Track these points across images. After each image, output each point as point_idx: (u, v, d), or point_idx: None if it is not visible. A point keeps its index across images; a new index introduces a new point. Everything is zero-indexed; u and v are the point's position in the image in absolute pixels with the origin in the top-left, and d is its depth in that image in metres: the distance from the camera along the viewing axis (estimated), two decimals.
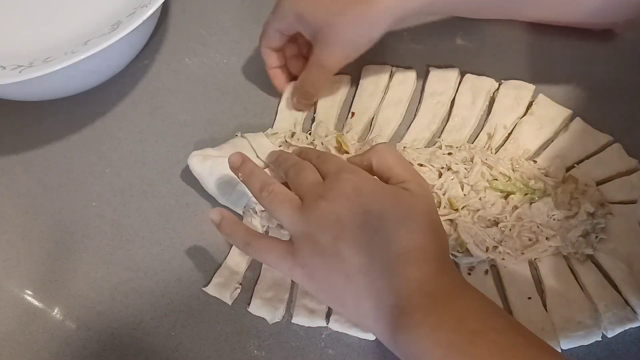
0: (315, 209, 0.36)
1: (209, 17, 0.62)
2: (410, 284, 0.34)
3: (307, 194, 0.38)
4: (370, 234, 0.35)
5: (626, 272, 0.42)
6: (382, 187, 0.38)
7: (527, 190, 0.45)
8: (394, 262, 0.34)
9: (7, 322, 0.46)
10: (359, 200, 0.36)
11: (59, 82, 0.51)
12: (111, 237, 0.49)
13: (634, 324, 0.40)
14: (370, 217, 0.35)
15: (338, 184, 0.37)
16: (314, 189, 0.38)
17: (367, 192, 0.37)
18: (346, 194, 0.36)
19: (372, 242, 0.35)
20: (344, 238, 0.35)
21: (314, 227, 0.36)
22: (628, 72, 0.53)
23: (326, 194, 0.37)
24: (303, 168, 0.41)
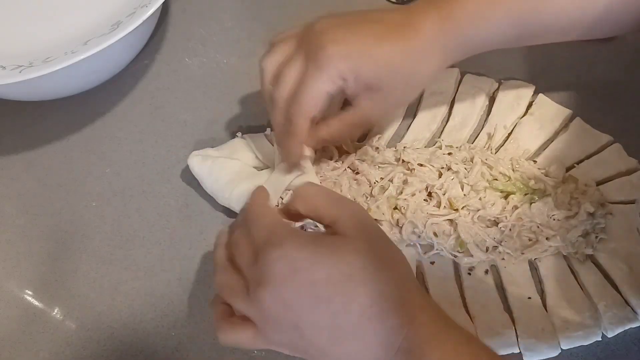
0: (260, 299, 0.33)
1: (209, 17, 0.62)
2: (380, 344, 0.32)
3: (249, 279, 0.35)
4: (325, 307, 0.33)
5: (626, 272, 0.42)
6: (317, 248, 0.34)
7: (527, 190, 0.45)
8: (358, 325, 0.33)
9: (7, 322, 0.46)
10: (298, 278, 0.33)
11: (59, 82, 0.51)
12: (111, 237, 0.49)
13: (634, 324, 0.40)
14: (318, 290, 0.33)
15: (270, 266, 0.33)
16: (250, 272, 0.35)
17: (304, 263, 0.33)
18: (282, 276, 0.33)
19: (331, 313, 0.33)
20: (302, 323, 0.33)
21: (268, 317, 0.34)
22: (628, 73, 0.53)
23: (262, 281, 0.33)
24: (236, 243, 0.37)
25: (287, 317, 0.33)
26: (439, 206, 0.45)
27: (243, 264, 0.36)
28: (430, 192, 0.46)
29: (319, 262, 0.33)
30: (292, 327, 0.33)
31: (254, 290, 0.34)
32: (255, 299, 0.34)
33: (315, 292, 0.33)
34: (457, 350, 0.32)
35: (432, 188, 0.46)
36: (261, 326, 0.35)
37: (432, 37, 0.40)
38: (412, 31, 0.40)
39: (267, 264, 0.34)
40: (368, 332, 0.33)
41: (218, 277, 0.37)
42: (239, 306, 0.35)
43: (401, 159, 0.47)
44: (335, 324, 0.33)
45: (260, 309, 0.34)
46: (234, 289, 0.35)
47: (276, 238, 0.34)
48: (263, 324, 0.34)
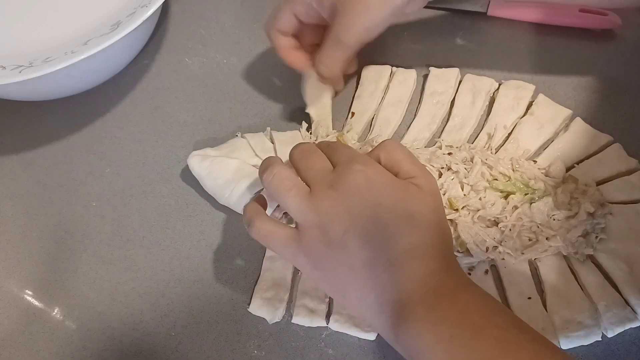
0: (324, 198, 0.36)
1: (209, 17, 0.62)
2: (413, 279, 0.34)
3: (316, 181, 0.37)
4: (379, 229, 0.35)
5: (626, 272, 0.42)
6: (394, 181, 0.37)
7: (527, 190, 0.45)
8: (399, 258, 0.34)
9: (7, 322, 0.46)
10: (370, 194, 0.35)
11: (59, 82, 0.51)
12: (111, 237, 0.49)
13: (634, 324, 0.40)
14: (381, 211, 0.35)
15: (349, 175, 0.36)
16: (324, 177, 0.37)
17: (379, 185, 0.36)
18: (357, 186, 0.36)
19: (380, 236, 0.35)
20: (353, 231, 0.35)
21: (322, 217, 0.36)
22: (628, 72, 0.53)
23: (336, 184, 0.36)
24: (311, 152, 0.39)
25: (341, 221, 0.35)
26: None
27: (315, 167, 0.38)
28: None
29: (392, 192, 0.36)
30: (339, 233, 0.35)
31: (322, 189, 0.36)
32: (319, 196, 0.36)
33: (378, 213, 0.35)
34: (482, 298, 0.34)
35: None
36: (307, 225, 0.36)
37: None
38: None
39: (347, 172, 0.36)
40: (407, 266, 0.34)
41: (277, 169, 0.38)
42: (295, 200, 0.36)
43: None
44: (379, 247, 0.34)
45: (319, 207, 0.36)
46: (296, 185, 0.37)
47: (362, 158, 0.38)
48: (311, 223, 0.36)
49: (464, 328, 0.32)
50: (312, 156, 0.39)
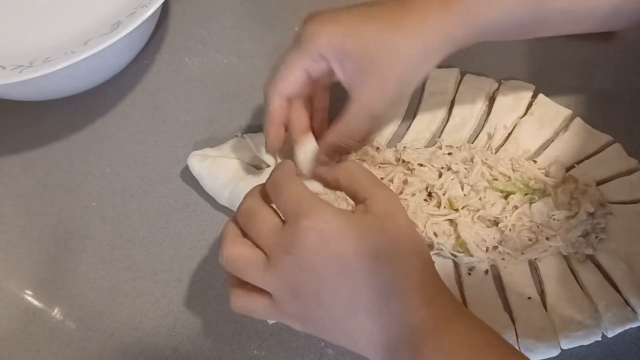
0: (284, 267, 0.33)
1: (209, 17, 0.62)
2: (396, 321, 0.33)
3: (270, 249, 0.34)
4: (349, 279, 0.33)
5: (626, 272, 0.42)
6: (347, 223, 0.34)
7: (527, 190, 0.45)
8: (377, 302, 0.33)
9: (7, 322, 0.46)
10: (328, 249, 0.33)
11: (59, 82, 0.51)
12: (111, 237, 0.49)
13: (634, 324, 0.40)
14: (345, 262, 0.33)
15: (300, 235, 0.33)
16: (276, 242, 0.34)
17: (335, 236, 0.33)
18: (312, 245, 0.33)
19: (352, 285, 0.33)
20: (323, 289, 0.33)
21: (288, 285, 0.34)
22: (628, 73, 0.53)
23: (290, 248, 0.33)
24: (255, 212, 0.36)
25: (310, 283, 0.33)
26: (439, 206, 0.45)
27: (262, 233, 0.35)
28: (430, 192, 0.46)
29: (350, 236, 0.33)
30: (312, 295, 0.33)
31: (278, 258, 0.34)
32: (279, 266, 0.34)
33: (343, 263, 0.33)
34: (469, 335, 0.33)
35: (432, 188, 0.46)
36: (278, 295, 0.34)
37: (431, 14, 0.38)
38: (407, 9, 0.38)
39: (298, 233, 0.33)
40: (386, 309, 0.33)
41: (229, 250, 0.35)
42: (255, 277, 0.34)
43: (401, 159, 0.47)
44: (355, 296, 0.33)
45: (282, 276, 0.34)
46: (250, 261, 0.35)
47: (307, 207, 0.34)
48: (281, 292, 0.34)
49: None
50: (256, 216, 0.35)
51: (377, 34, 0.37)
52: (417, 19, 0.38)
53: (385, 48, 0.37)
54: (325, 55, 0.38)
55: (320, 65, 0.39)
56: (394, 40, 0.37)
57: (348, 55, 0.38)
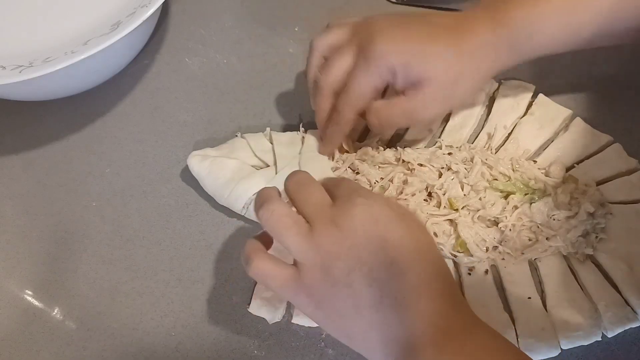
0: (326, 236, 0.34)
1: (209, 17, 0.62)
2: (422, 319, 0.33)
3: (316, 217, 0.35)
4: (386, 266, 0.33)
5: (626, 272, 0.42)
6: (397, 215, 0.35)
7: (527, 190, 0.45)
8: (407, 296, 0.33)
9: (7, 322, 0.46)
10: (374, 229, 0.34)
11: (59, 82, 0.51)
12: (111, 237, 0.49)
13: (634, 324, 0.40)
14: (387, 248, 0.33)
15: (352, 210, 0.34)
16: (323, 212, 0.35)
17: (383, 220, 0.34)
18: (361, 222, 0.34)
19: (387, 274, 0.33)
20: (358, 269, 0.33)
21: (325, 256, 0.34)
22: (628, 73, 0.53)
23: (339, 220, 0.34)
24: (307, 184, 0.37)
25: (347, 260, 0.33)
26: (439, 206, 0.45)
27: (311, 201, 0.36)
28: (430, 192, 0.46)
29: (397, 227, 0.34)
30: (344, 273, 0.33)
31: (323, 227, 0.34)
32: (322, 235, 0.34)
33: (384, 249, 0.33)
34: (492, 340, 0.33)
35: (432, 188, 0.46)
36: (309, 265, 0.34)
37: (484, 40, 0.41)
38: (464, 33, 0.41)
39: (349, 208, 0.34)
40: (416, 306, 0.33)
41: (277, 206, 0.35)
42: (294, 240, 0.34)
43: (401, 159, 0.47)
44: (388, 285, 0.33)
45: (322, 245, 0.34)
46: (294, 223, 0.35)
47: (362, 191, 0.36)
48: (314, 262, 0.34)
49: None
50: (308, 188, 0.37)
51: (439, 52, 0.41)
52: (475, 45, 0.41)
53: (444, 66, 0.41)
54: (394, 70, 0.41)
55: (387, 78, 0.42)
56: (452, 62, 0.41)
57: (412, 69, 0.41)
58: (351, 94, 0.42)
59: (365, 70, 0.41)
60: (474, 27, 0.42)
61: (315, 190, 0.36)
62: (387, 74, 0.41)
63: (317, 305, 0.35)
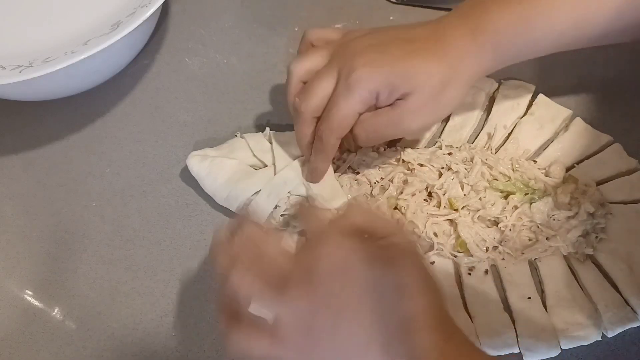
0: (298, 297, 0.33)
1: (209, 17, 0.62)
2: (419, 354, 0.32)
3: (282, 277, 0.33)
4: (370, 308, 0.32)
5: (626, 272, 0.42)
6: (372, 253, 0.33)
7: (527, 190, 0.45)
8: (397, 335, 0.32)
9: (7, 322, 0.46)
10: (350, 274, 0.32)
11: (59, 82, 0.51)
12: (111, 237, 0.49)
13: (634, 324, 0.40)
14: (367, 290, 0.32)
15: (322, 259, 0.33)
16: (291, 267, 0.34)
17: (358, 262, 0.33)
18: (334, 269, 0.33)
19: (372, 317, 0.32)
20: (341, 322, 0.32)
21: (302, 316, 0.32)
22: (628, 72, 0.53)
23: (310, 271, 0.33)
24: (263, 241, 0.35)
25: (327, 314, 0.32)
26: (439, 206, 0.45)
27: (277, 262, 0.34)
28: (430, 192, 0.46)
29: (374, 264, 0.33)
30: (327, 327, 0.32)
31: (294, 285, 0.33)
32: (295, 295, 0.33)
33: (366, 288, 0.32)
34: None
35: (432, 188, 0.46)
36: (287, 328, 0.33)
37: (464, 50, 0.41)
38: (444, 45, 0.41)
39: (320, 258, 0.33)
40: (407, 343, 0.32)
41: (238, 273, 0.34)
42: (265, 301, 0.33)
43: (401, 159, 0.47)
44: (375, 328, 0.32)
45: (296, 306, 0.33)
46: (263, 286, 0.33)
47: (331, 236, 0.34)
48: (292, 324, 0.33)
49: None
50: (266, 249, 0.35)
51: (420, 66, 0.40)
52: (456, 55, 0.41)
53: (429, 78, 0.40)
54: (376, 94, 0.40)
55: (369, 102, 0.41)
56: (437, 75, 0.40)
57: (395, 89, 0.40)
58: (334, 120, 0.41)
59: (347, 96, 0.40)
60: (452, 37, 0.41)
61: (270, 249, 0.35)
62: (369, 98, 0.40)
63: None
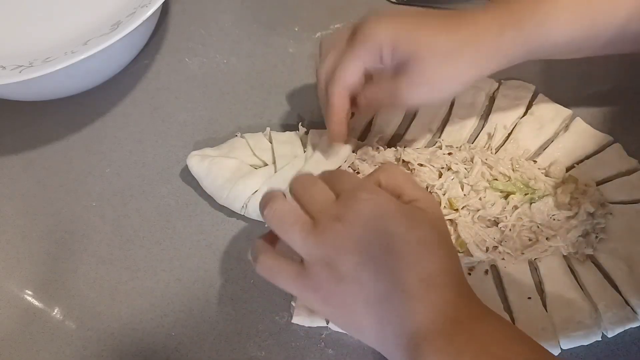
0: (331, 231, 0.34)
1: (209, 17, 0.62)
2: (432, 310, 0.33)
3: (320, 213, 0.35)
4: (393, 259, 0.33)
5: (626, 272, 0.42)
6: (402, 208, 0.35)
7: (527, 190, 0.45)
8: (416, 288, 0.33)
9: (7, 322, 0.46)
10: (379, 223, 0.34)
11: (59, 82, 0.51)
12: (111, 237, 0.49)
13: (634, 324, 0.40)
14: (393, 241, 0.33)
15: (355, 205, 0.34)
16: (327, 208, 0.35)
17: (388, 213, 0.34)
18: (365, 216, 0.34)
19: (394, 266, 0.33)
20: (365, 263, 0.33)
21: (330, 252, 0.34)
22: (628, 73, 0.53)
23: (342, 215, 0.34)
24: (312, 184, 0.37)
25: (352, 255, 0.33)
26: None
27: (315, 199, 0.36)
28: (430, 192, 0.46)
29: (402, 219, 0.34)
30: (350, 268, 0.33)
31: (327, 224, 0.34)
32: (326, 232, 0.34)
33: (390, 242, 0.33)
34: (502, 328, 0.33)
35: (432, 188, 0.45)
36: (313, 262, 0.34)
37: (484, 25, 0.39)
38: (460, 20, 0.40)
39: (353, 203, 0.34)
40: (424, 297, 0.33)
41: (279, 204, 0.36)
42: (298, 237, 0.35)
43: (401, 159, 0.47)
44: (395, 278, 0.33)
45: (326, 242, 0.34)
46: (298, 219, 0.35)
47: (366, 186, 0.36)
48: (319, 259, 0.34)
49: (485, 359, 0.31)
50: (313, 187, 0.37)
51: (430, 36, 0.39)
52: (473, 31, 0.39)
53: (433, 47, 0.39)
54: (381, 49, 0.40)
55: (375, 58, 0.41)
56: (443, 43, 0.39)
57: (399, 49, 0.40)
58: (336, 77, 0.42)
59: (351, 53, 0.41)
60: (473, 16, 0.40)
61: (320, 189, 0.37)
62: (373, 55, 0.40)
63: (324, 301, 0.35)
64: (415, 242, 0.34)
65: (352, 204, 0.34)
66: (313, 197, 0.36)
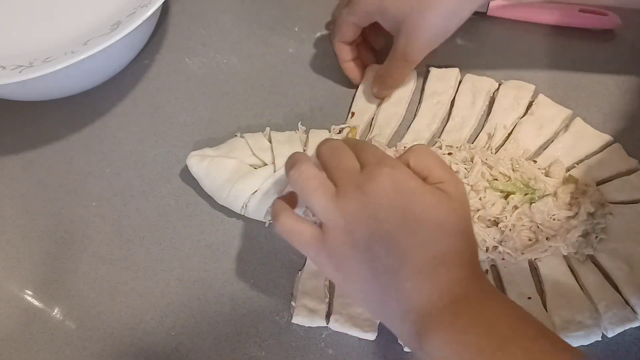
0: (351, 200, 0.35)
1: (209, 17, 0.62)
2: (440, 287, 0.33)
3: (344, 181, 0.36)
4: (407, 235, 0.34)
5: (626, 272, 0.42)
6: (422, 186, 0.35)
7: (527, 190, 0.45)
8: (426, 265, 0.33)
9: (7, 322, 0.46)
10: (398, 198, 0.34)
11: (59, 82, 0.51)
12: (111, 237, 0.49)
13: (634, 324, 0.40)
14: (409, 217, 0.34)
15: (378, 177, 0.35)
16: (351, 177, 0.36)
17: (407, 189, 0.35)
18: (385, 189, 0.34)
19: (407, 243, 0.34)
20: (380, 235, 0.34)
21: (348, 219, 0.35)
22: (628, 72, 0.53)
23: (364, 186, 0.35)
24: (340, 150, 0.38)
25: (369, 224, 0.34)
26: None
27: (341, 167, 0.37)
28: None
29: (421, 198, 0.35)
30: (365, 236, 0.34)
31: (349, 190, 0.35)
32: (347, 198, 0.35)
33: (406, 218, 0.34)
34: (509, 309, 0.33)
35: None
36: (332, 226, 0.35)
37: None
38: None
39: (376, 175, 0.35)
40: (434, 274, 0.33)
41: (306, 168, 0.37)
42: (320, 200, 0.35)
43: None
44: (407, 252, 0.34)
45: (346, 208, 0.35)
46: (321, 184, 0.36)
47: (391, 161, 0.36)
48: (337, 224, 0.35)
49: (491, 338, 0.31)
50: (340, 154, 0.38)
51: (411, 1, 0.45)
52: None
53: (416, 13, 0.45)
54: (371, 13, 0.48)
55: (367, 19, 0.49)
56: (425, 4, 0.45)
57: (387, 10, 0.47)
58: (335, 33, 0.52)
59: (348, 13, 0.50)
60: None
61: (346, 157, 0.37)
62: (364, 14, 0.49)
63: (337, 266, 0.36)
64: (430, 222, 0.34)
65: (375, 176, 0.35)
66: (339, 164, 0.37)
